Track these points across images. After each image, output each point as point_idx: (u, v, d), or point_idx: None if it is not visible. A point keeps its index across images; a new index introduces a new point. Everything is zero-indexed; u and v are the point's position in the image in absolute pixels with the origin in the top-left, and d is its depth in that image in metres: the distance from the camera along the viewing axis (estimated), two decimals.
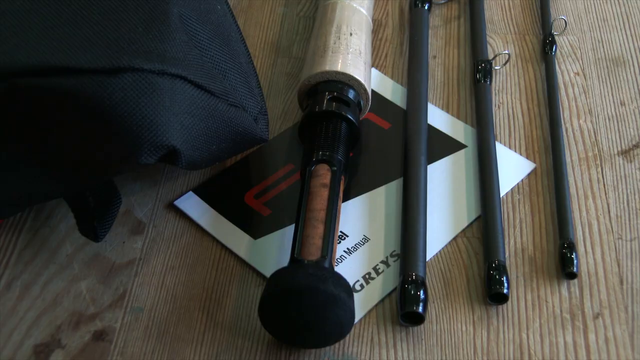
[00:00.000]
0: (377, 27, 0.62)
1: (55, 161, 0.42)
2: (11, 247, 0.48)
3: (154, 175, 0.52)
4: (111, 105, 0.39)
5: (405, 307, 0.43)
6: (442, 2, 0.64)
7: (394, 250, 0.47)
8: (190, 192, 0.51)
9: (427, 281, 0.45)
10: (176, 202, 0.50)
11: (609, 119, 0.55)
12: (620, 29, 0.62)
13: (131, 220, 0.49)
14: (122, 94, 0.39)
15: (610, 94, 0.57)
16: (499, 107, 0.56)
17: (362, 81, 0.52)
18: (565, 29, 0.61)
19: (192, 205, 0.50)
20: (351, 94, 0.51)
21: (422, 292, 0.44)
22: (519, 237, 0.48)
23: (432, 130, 0.55)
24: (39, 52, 0.40)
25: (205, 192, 0.51)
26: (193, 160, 0.43)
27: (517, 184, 0.51)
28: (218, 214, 0.50)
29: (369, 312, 0.45)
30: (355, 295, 0.45)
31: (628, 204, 0.50)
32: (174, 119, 0.40)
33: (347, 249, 0.48)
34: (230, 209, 0.50)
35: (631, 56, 0.59)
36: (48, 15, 0.42)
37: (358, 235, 0.49)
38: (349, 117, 0.50)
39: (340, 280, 0.40)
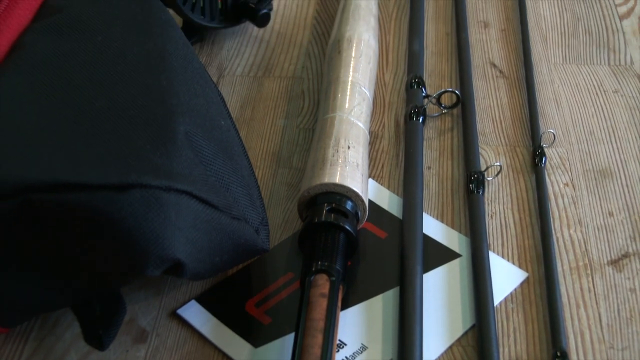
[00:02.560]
0: (373, 139, 0.65)
1: (63, 272, 0.44)
2: (17, 356, 0.49)
3: (158, 283, 0.53)
4: (120, 219, 0.41)
5: None
6: (436, 115, 0.67)
7: (391, 359, 0.48)
8: (193, 301, 0.52)
9: None
10: (179, 311, 0.52)
11: (598, 229, 0.57)
12: (607, 142, 0.64)
13: (135, 329, 0.51)
14: (131, 209, 0.41)
15: (598, 205, 0.59)
16: (491, 217, 0.58)
17: (360, 193, 0.54)
18: (554, 141, 0.64)
19: (195, 313, 0.52)
20: (349, 206, 0.53)
21: None
22: (512, 345, 0.49)
23: (427, 239, 0.56)
24: (52, 168, 0.42)
25: (207, 301, 0.52)
26: (197, 272, 0.44)
27: (511, 292, 0.53)
28: (220, 322, 0.51)
29: None
30: None
31: (619, 313, 0.51)
32: (180, 233, 0.42)
33: (346, 357, 0.49)
34: (231, 317, 0.51)
35: (618, 168, 0.62)
36: (61, 133, 0.44)
37: (356, 344, 0.50)
38: (347, 228, 0.52)
39: None
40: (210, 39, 0.76)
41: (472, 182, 0.59)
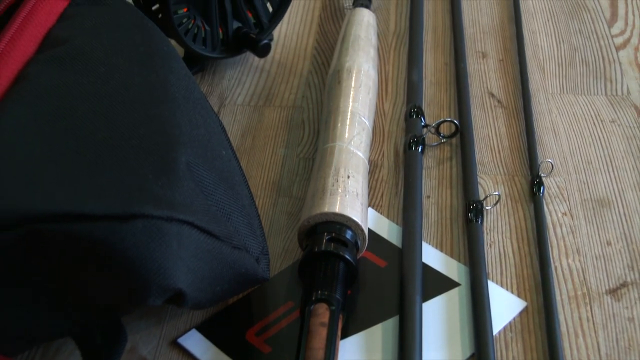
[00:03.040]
0: (373, 168, 0.66)
1: (65, 302, 0.44)
2: None
3: (159, 312, 0.54)
4: (122, 249, 0.41)
5: None
6: (435, 144, 0.68)
7: None
8: (194, 330, 0.53)
9: None
10: (179, 340, 0.52)
11: (596, 258, 0.57)
12: (605, 171, 0.65)
13: (136, 358, 0.51)
14: (133, 239, 0.41)
15: (596, 234, 0.59)
16: (490, 246, 0.59)
17: (359, 222, 0.54)
18: (552, 171, 0.64)
19: (195, 342, 0.52)
20: (349, 235, 0.54)
21: None
22: None
23: (426, 268, 0.57)
24: (55, 198, 0.42)
25: (208, 330, 0.53)
26: (198, 301, 0.45)
27: (510, 322, 0.53)
28: (220, 352, 0.51)
29: None
30: None
31: (617, 342, 0.51)
32: (181, 263, 0.42)
33: None
34: (232, 346, 0.51)
35: (615, 198, 0.62)
36: (64, 163, 0.45)
37: None
38: (347, 257, 0.52)
39: None
40: (211, 69, 0.77)
41: (471, 211, 0.60)
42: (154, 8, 0.71)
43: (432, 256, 0.58)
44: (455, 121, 0.67)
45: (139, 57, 0.53)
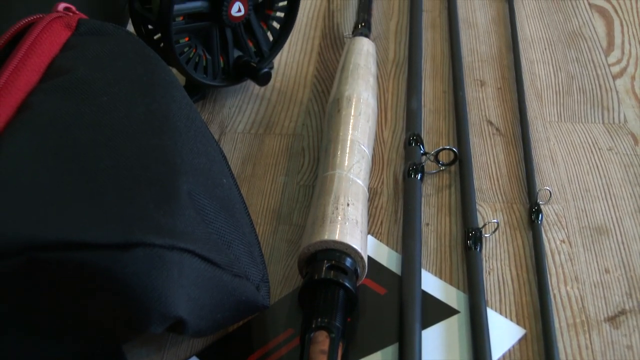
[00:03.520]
0: (372, 196, 0.66)
1: (66, 329, 0.44)
2: None
3: (159, 340, 0.54)
4: (124, 278, 0.41)
5: None
6: (434, 172, 0.68)
7: None
8: (194, 357, 0.53)
9: None
10: None
11: (594, 286, 0.58)
12: (602, 199, 0.65)
13: None
14: (134, 267, 0.42)
15: (595, 262, 0.60)
16: (489, 274, 0.59)
17: (359, 249, 0.55)
18: (550, 198, 0.65)
19: None
20: (348, 262, 0.54)
21: None
22: None
23: (426, 296, 0.57)
24: (58, 227, 0.43)
25: (208, 357, 0.53)
26: (199, 329, 0.45)
27: (509, 349, 0.53)
28: None
29: None
30: None
31: None
32: (182, 291, 0.43)
33: None
34: None
35: (613, 225, 0.63)
36: (67, 192, 0.45)
37: None
38: (347, 284, 0.52)
39: None
40: (212, 97, 0.78)
41: (470, 239, 0.60)
42: (155, 37, 0.72)
43: (431, 283, 0.58)
44: (454, 149, 0.68)
45: (141, 86, 0.54)
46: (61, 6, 0.58)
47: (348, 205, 0.57)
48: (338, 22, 0.88)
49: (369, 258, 0.59)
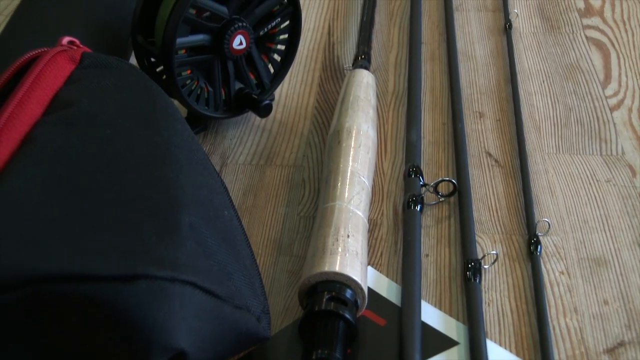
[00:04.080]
0: (372, 227, 0.66)
1: None
2: None
3: None
4: (125, 310, 0.42)
5: None
6: (433, 203, 0.69)
7: None
8: None
9: None
10: None
11: (593, 318, 0.58)
12: (601, 230, 0.66)
13: None
14: (136, 299, 0.42)
15: (594, 293, 0.60)
16: (489, 305, 0.59)
17: (359, 281, 0.55)
18: (548, 230, 0.65)
19: None
20: (348, 294, 0.54)
21: None
22: None
23: (425, 327, 0.57)
24: (61, 259, 0.43)
25: None
26: None
27: None
28: None
29: None
30: None
31: None
32: (184, 323, 0.43)
33: None
34: None
35: (612, 257, 0.63)
36: (70, 224, 0.46)
37: None
38: (347, 316, 0.53)
39: None
40: (213, 128, 0.78)
41: (469, 270, 0.60)
42: (158, 70, 0.73)
43: (431, 315, 0.58)
44: (453, 180, 0.68)
45: (143, 119, 0.54)
46: (65, 40, 0.59)
47: (348, 236, 0.58)
48: (338, 55, 0.89)
49: (369, 289, 0.59)
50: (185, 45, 0.69)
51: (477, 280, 0.60)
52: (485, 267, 0.62)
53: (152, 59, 0.73)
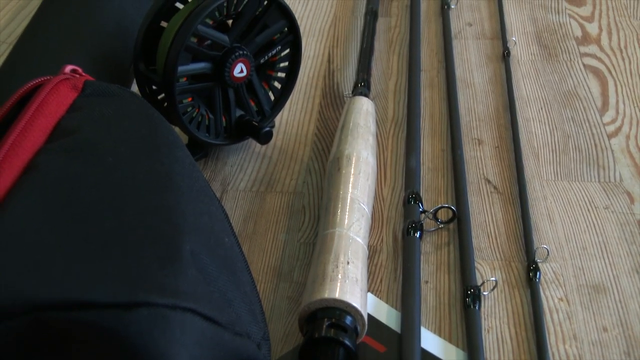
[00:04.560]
0: (372, 253, 0.67)
1: None
2: None
3: None
4: (127, 337, 0.42)
5: None
6: (433, 230, 0.69)
7: None
8: None
9: None
10: None
11: (593, 345, 0.58)
12: (599, 257, 0.66)
13: None
14: (137, 327, 0.42)
15: (593, 320, 0.60)
16: (488, 332, 0.59)
17: (359, 308, 0.55)
18: (547, 256, 0.65)
19: None
20: (348, 321, 0.55)
21: None
22: None
23: (425, 354, 0.57)
24: (63, 287, 0.43)
25: None
26: None
27: None
28: None
29: None
30: None
31: None
32: (184, 351, 0.43)
33: None
34: None
35: (611, 284, 0.63)
36: (71, 252, 0.46)
37: None
38: (347, 343, 0.53)
39: None
40: (214, 155, 0.79)
41: (469, 297, 0.61)
42: (159, 97, 0.74)
43: (430, 341, 0.59)
44: (452, 207, 0.69)
45: (145, 146, 0.55)
46: (68, 68, 0.60)
47: (348, 263, 0.58)
48: (338, 82, 0.90)
49: (369, 316, 0.59)
50: (187, 73, 0.70)
51: (477, 307, 0.60)
52: (485, 293, 0.62)
53: (154, 87, 0.74)
